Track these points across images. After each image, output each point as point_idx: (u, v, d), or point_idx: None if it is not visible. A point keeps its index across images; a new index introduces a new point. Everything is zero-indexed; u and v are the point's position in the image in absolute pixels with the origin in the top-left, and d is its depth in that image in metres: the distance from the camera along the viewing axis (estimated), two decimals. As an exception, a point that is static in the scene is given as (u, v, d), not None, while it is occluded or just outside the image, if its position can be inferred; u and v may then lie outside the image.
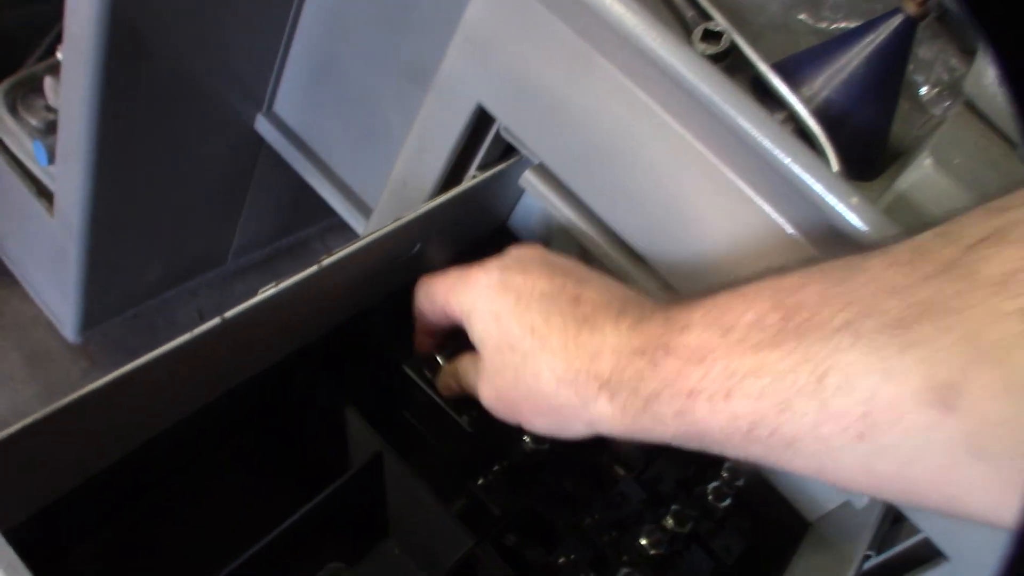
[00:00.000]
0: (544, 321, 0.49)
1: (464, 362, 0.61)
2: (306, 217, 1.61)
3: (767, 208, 0.57)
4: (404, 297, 0.74)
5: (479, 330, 0.53)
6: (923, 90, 0.83)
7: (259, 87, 1.27)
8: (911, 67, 0.83)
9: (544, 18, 0.61)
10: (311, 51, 1.20)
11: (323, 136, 1.27)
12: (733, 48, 0.66)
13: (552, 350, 0.48)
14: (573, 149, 0.65)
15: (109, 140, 1.10)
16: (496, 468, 0.70)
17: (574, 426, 0.51)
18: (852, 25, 0.84)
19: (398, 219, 0.64)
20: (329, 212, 1.27)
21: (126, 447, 0.58)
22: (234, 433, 0.71)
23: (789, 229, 0.57)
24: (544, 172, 0.68)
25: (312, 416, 0.70)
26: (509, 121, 0.68)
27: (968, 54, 0.83)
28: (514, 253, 0.55)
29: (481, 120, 0.70)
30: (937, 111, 0.82)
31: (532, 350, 0.49)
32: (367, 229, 0.88)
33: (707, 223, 0.60)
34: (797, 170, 0.53)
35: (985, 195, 0.60)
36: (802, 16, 0.82)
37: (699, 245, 0.61)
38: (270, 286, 0.58)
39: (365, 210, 1.25)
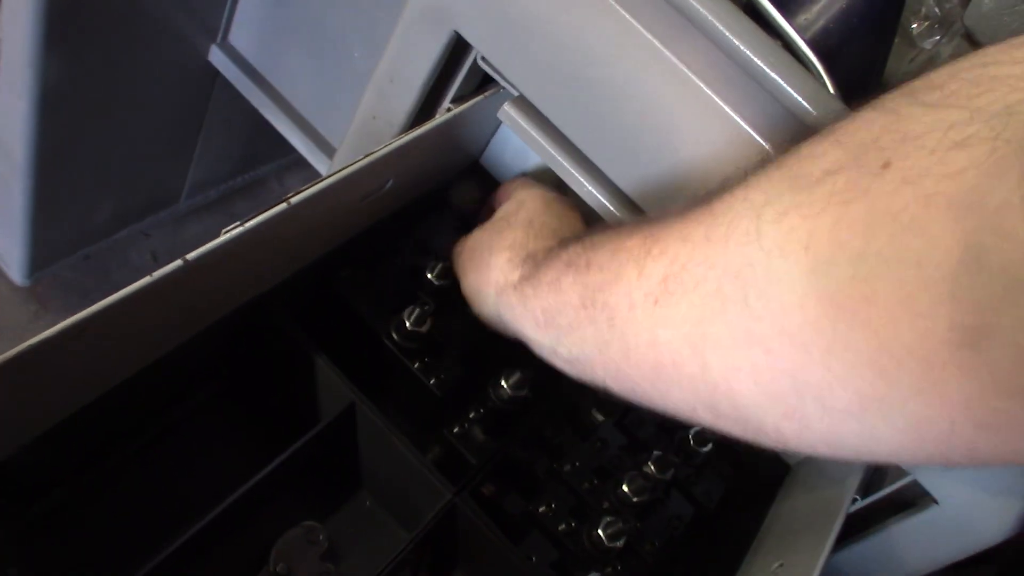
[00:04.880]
0: (528, 225, 0.63)
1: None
2: (263, 155, 1.55)
3: (767, 146, 0.54)
4: (371, 238, 0.70)
5: (509, 204, 0.68)
6: (913, 24, 0.80)
7: (212, 15, 1.20)
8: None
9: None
10: (268, -22, 1.13)
11: (282, 69, 1.21)
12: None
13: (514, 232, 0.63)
14: (556, 80, 0.61)
15: (54, 69, 1.04)
16: (472, 415, 0.68)
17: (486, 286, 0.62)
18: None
19: (370, 154, 0.60)
20: (286, 150, 1.22)
21: (84, 399, 0.54)
22: (199, 384, 0.67)
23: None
24: (524, 105, 0.65)
25: (281, 364, 0.66)
26: (487, 50, 0.64)
27: (960, -15, 0.80)
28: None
29: (457, 49, 0.66)
30: (927, 45, 0.79)
31: (504, 231, 0.64)
32: (334, 165, 0.83)
33: (701, 161, 0.57)
34: (798, 97, 0.50)
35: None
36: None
37: (692, 185, 0.58)
38: (235, 225, 0.53)
39: (326, 147, 1.20)
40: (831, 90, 0.57)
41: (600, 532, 0.65)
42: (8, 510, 0.59)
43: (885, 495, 0.70)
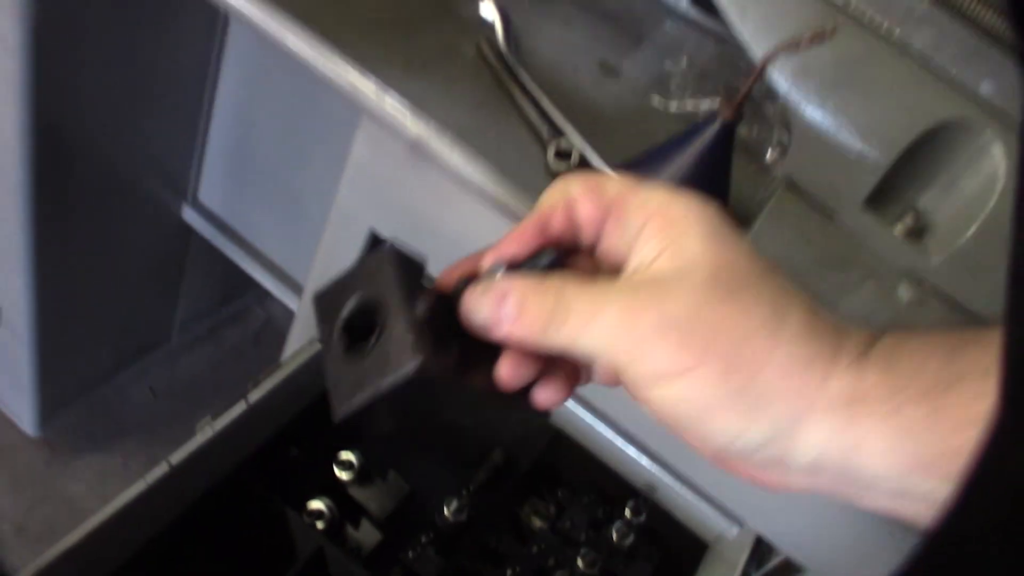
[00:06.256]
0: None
1: (572, 281, 0.37)
2: (243, 287, 1.70)
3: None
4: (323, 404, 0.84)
5: (693, 241, 0.36)
6: (768, 153, 0.94)
7: (181, 179, 1.36)
8: (755, 132, 0.94)
9: (414, 161, 0.72)
10: (227, 143, 1.29)
11: (247, 219, 1.36)
12: (584, 160, 0.76)
13: (801, 303, 0.35)
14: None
15: (45, 242, 1.18)
16: (424, 540, 0.81)
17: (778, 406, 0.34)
18: (699, 100, 0.96)
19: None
20: (263, 279, 1.37)
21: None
22: (186, 541, 0.80)
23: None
24: (435, 281, 0.79)
25: (256, 515, 0.80)
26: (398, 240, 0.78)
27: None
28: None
29: (376, 240, 0.81)
30: (779, 171, 0.94)
31: (774, 289, 0.35)
32: (289, 343, 0.96)
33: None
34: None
35: (796, 274, 0.72)
36: (655, 98, 0.93)
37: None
38: (205, 421, 0.68)
39: (293, 284, 1.35)
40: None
41: (538, 628, 0.78)
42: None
43: (771, 567, 0.83)
